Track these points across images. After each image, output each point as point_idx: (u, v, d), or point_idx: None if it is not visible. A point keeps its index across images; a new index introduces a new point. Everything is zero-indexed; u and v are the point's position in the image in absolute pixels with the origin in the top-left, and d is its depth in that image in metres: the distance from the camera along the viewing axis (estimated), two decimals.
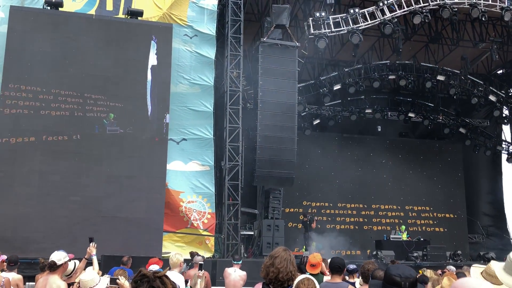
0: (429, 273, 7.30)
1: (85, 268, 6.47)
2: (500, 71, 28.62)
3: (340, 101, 23.97)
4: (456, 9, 19.04)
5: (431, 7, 18.82)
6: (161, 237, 15.32)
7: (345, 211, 24.10)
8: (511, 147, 27.98)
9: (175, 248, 15.65)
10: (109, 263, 10.40)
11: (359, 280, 6.20)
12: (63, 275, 5.76)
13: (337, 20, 18.07)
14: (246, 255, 17.30)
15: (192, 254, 11.72)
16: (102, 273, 8.18)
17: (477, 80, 24.33)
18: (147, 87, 16.08)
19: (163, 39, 16.49)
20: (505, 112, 25.76)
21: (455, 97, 24.22)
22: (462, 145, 26.72)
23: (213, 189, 16.86)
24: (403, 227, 20.38)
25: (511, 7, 19.45)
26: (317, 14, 17.85)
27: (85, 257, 6.64)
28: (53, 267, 5.55)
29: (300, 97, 20.09)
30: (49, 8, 15.80)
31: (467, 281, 2.21)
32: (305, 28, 18.04)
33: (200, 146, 16.88)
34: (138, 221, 15.00)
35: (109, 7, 16.69)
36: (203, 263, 6.09)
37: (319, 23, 17.76)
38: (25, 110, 14.78)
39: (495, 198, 27.87)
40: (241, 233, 16.97)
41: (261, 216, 18.50)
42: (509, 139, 28.37)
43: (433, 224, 25.14)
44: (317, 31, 17.63)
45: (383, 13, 18.43)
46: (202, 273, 5.40)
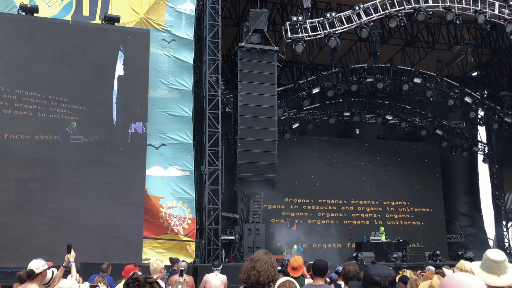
0: (408, 273, 7.38)
1: (65, 276, 6.38)
2: (475, 73, 29.14)
3: (318, 104, 24.10)
4: (431, 13, 19.33)
5: (407, 11, 19.06)
6: (141, 243, 15.18)
7: (325, 206, 24.47)
8: (486, 148, 28.46)
9: (155, 254, 15.53)
10: (89, 271, 10.26)
11: None
12: (41, 284, 5.67)
13: (314, 24, 18.18)
14: (227, 260, 17.25)
15: (171, 260, 11.66)
16: (82, 281, 8.08)
17: (453, 82, 24.70)
18: (113, 96, 15.86)
19: (140, 44, 16.37)
20: (481, 113, 26.17)
21: (431, 99, 24.54)
22: (439, 147, 27.10)
23: (193, 194, 16.78)
24: (382, 229, 20.54)
25: (484, 10, 19.80)
26: (294, 18, 17.95)
27: (63, 265, 6.53)
28: (32, 276, 5.46)
29: (279, 101, 20.17)
30: (24, 14, 15.60)
31: (458, 277, 2.23)
32: (283, 32, 18.12)
33: (179, 151, 16.80)
34: (117, 228, 14.85)
35: (86, 12, 16.53)
36: (183, 269, 6.06)
37: (297, 27, 17.85)
38: None
39: (472, 198, 28.31)
40: (222, 237, 16.91)
41: (242, 220, 18.49)
42: (484, 140, 28.87)
43: (410, 218, 25.49)
44: (294, 35, 17.72)
45: (359, 17, 18.60)
46: (183, 279, 5.38)
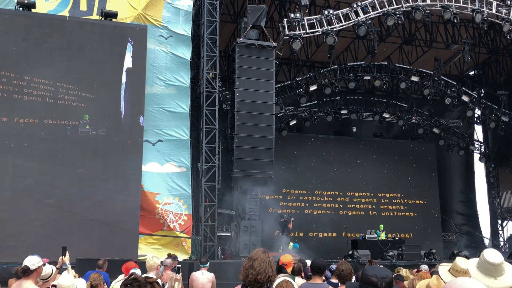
0: (404, 272, 7.40)
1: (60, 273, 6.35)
2: (472, 72, 29.22)
3: (316, 102, 24.10)
4: (428, 11, 19.32)
5: (404, 9, 19.06)
6: (137, 239, 15.18)
7: (321, 197, 24.67)
8: (483, 147, 28.54)
9: (151, 250, 15.53)
10: (84, 267, 10.26)
11: None
12: (38, 279, 5.66)
13: (312, 21, 18.16)
14: (223, 257, 17.28)
15: (169, 256, 11.64)
16: (78, 277, 8.07)
17: (450, 81, 24.73)
18: (121, 89, 15.93)
19: (138, 40, 16.37)
20: (477, 112, 26.23)
21: (428, 98, 24.57)
22: (435, 145, 27.13)
23: (190, 190, 16.78)
24: (381, 227, 20.57)
25: (482, 9, 19.82)
26: (292, 15, 17.92)
27: (57, 266, 6.40)
28: (27, 272, 5.43)
29: (276, 98, 20.16)
30: (21, 9, 15.54)
31: (461, 281, 2.22)
32: (280, 29, 18.10)
33: (176, 147, 16.80)
34: (113, 223, 14.85)
35: (83, 7, 16.48)
36: (181, 266, 6.05)
37: (294, 24, 17.83)
38: None
39: (468, 197, 28.40)
40: (218, 234, 16.93)
41: (238, 217, 18.50)
42: (481, 139, 28.94)
43: (405, 216, 25.61)
44: (292, 32, 17.70)
45: (357, 14, 18.59)
46: (180, 276, 5.37)
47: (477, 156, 28.44)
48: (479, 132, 29.28)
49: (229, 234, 18.41)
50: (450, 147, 26.75)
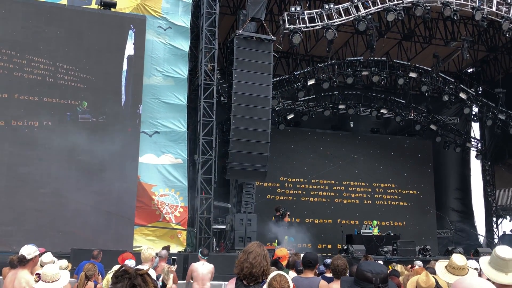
0: (399, 268, 7.41)
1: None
2: (470, 70, 29.20)
3: (314, 96, 24.06)
4: (429, 7, 19.27)
5: (405, 5, 19.00)
6: (132, 230, 15.18)
7: (318, 186, 24.89)
8: (479, 145, 28.58)
9: (147, 242, 15.54)
10: (79, 257, 10.26)
11: None
12: (32, 270, 5.64)
13: (312, 15, 18.10)
14: (218, 249, 17.29)
15: (165, 248, 11.64)
16: (71, 266, 8.07)
17: (448, 78, 24.71)
18: (122, 76, 15.88)
19: (137, 30, 16.31)
20: (475, 109, 26.22)
21: (426, 94, 24.55)
22: (432, 142, 27.15)
23: (186, 182, 16.77)
24: (375, 222, 20.61)
25: (482, 6, 19.78)
26: (293, 8, 17.86)
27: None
28: (23, 262, 5.43)
29: (274, 92, 20.13)
30: None
31: (470, 281, 2.20)
32: (280, 22, 18.03)
33: (173, 139, 16.77)
34: (109, 214, 14.83)
35: None
36: (176, 258, 6.05)
37: (294, 18, 17.77)
38: None
39: (464, 194, 28.47)
40: (213, 227, 16.93)
41: (234, 210, 18.49)
42: (478, 137, 28.98)
43: (400, 214, 25.70)
44: (292, 26, 17.63)
45: (357, 9, 18.53)
46: (175, 267, 5.37)
47: (473, 153, 28.50)
48: (476, 129, 29.34)
49: (225, 226, 18.41)
50: (446, 144, 26.77)
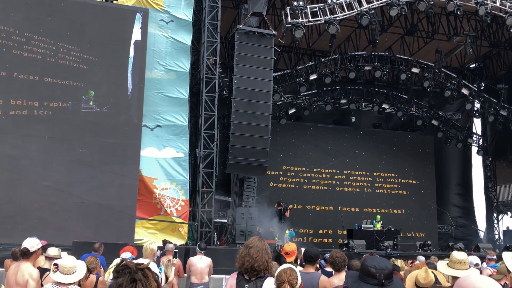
0: (400, 263, 7.42)
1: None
2: (473, 65, 29.12)
3: (316, 91, 24.02)
4: (432, 2, 19.19)
5: (408, 0, 18.95)
6: (133, 223, 15.21)
7: (319, 175, 25.01)
8: (481, 140, 28.55)
9: (148, 235, 15.57)
10: (80, 250, 10.26)
11: None
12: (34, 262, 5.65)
13: (315, 9, 18.05)
14: (219, 243, 17.32)
15: (164, 242, 11.67)
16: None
17: (451, 73, 24.65)
18: (129, 63, 15.81)
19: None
20: (477, 105, 26.18)
21: (428, 90, 24.50)
22: (434, 137, 27.11)
23: (188, 176, 16.78)
24: (378, 217, 20.61)
25: (486, 1, 19.70)
26: (295, 3, 17.80)
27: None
28: (26, 254, 5.44)
29: (276, 86, 20.09)
30: None
31: (474, 278, 2.20)
32: (283, 16, 17.98)
33: (174, 133, 16.76)
34: (110, 207, 14.85)
35: None
36: (177, 251, 6.06)
37: (297, 12, 17.72)
38: None
39: (465, 189, 28.45)
40: (215, 220, 16.96)
41: (235, 204, 18.51)
42: (479, 132, 28.94)
43: (400, 195, 25.88)
44: (294, 20, 17.59)
45: (360, 4, 18.47)
46: (176, 260, 5.38)
47: (475, 149, 28.45)
48: (477, 125, 29.32)
49: (226, 220, 18.44)
50: (448, 140, 26.74)
